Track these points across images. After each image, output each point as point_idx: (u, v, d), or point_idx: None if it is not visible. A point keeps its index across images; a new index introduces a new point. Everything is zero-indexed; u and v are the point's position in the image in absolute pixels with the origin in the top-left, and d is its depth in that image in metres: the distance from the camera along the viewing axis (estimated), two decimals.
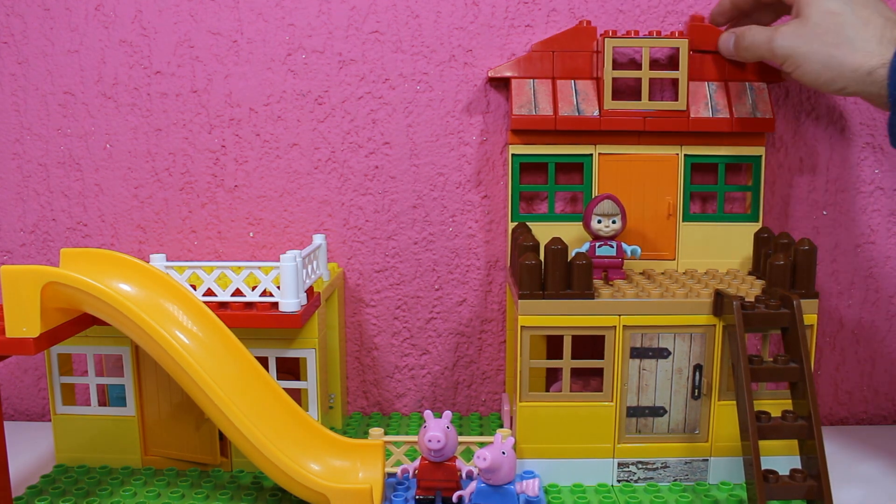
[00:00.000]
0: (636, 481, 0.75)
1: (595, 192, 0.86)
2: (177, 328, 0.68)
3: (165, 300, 0.70)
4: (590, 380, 0.79)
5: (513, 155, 0.86)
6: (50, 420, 0.85)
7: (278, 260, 0.72)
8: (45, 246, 0.94)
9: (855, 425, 0.97)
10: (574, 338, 0.74)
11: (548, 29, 0.89)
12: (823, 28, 0.70)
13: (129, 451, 0.79)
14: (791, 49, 0.72)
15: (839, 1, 0.70)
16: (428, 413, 0.69)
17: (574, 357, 0.74)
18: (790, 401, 0.70)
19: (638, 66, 0.84)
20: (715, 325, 0.73)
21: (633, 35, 0.83)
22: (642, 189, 0.86)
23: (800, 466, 0.68)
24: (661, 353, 0.74)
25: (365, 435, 0.84)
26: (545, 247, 0.72)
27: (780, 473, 0.66)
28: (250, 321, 0.72)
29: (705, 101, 0.84)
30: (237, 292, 0.73)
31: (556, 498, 0.72)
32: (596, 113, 0.83)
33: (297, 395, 0.79)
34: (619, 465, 0.75)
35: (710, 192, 0.88)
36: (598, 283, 0.78)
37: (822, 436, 0.66)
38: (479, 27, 0.89)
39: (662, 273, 0.84)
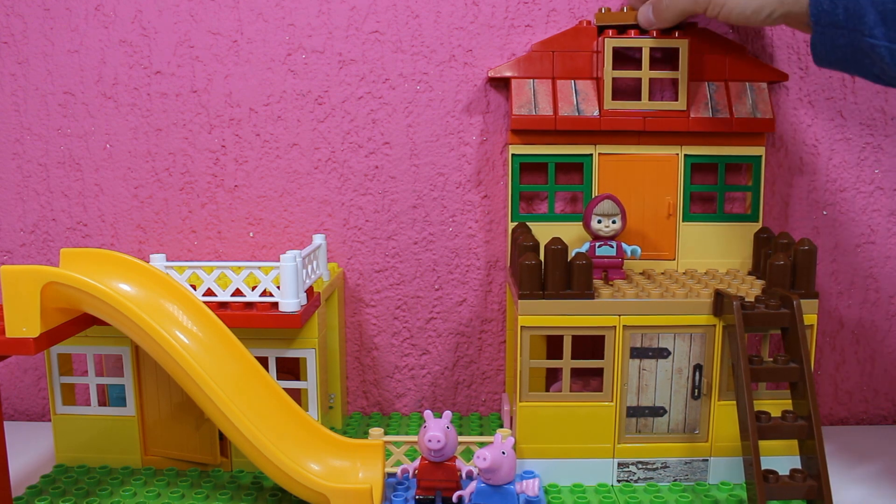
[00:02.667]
0: (636, 481, 0.75)
1: (595, 192, 0.86)
2: (177, 328, 0.68)
3: (165, 300, 0.70)
4: (590, 380, 0.79)
5: (513, 155, 0.86)
6: (50, 420, 0.85)
7: (278, 260, 0.72)
8: (45, 246, 0.94)
9: (855, 425, 0.97)
10: (574, 338, 0.74)
11: (548, 29, 0.89)
12: None
13: (129, 451, 0.79)
14: None
15: None
16: (428, 413, 0.69)
17: (574, 357, 0.74)
18: (790, 401, 0.70)
19: (638, 66, 0.84)
20: (715, 325, 0.73)
21: (633, 35, 0.83)
22: (642, 189, 0.86)
23: (800, 466, 0.68)
24: (661, 353, 0.74)
25: (365, 435, 0.84)
26: (545, 247, 0.72)
27: (780, 473, 0.66)
28: (250, 321, 0.72)
29: (705, 101, 0.84)
30: (237, 292, 0.73)
31: (556, 498, 0.72)
32: (596, 113, 0.83)
33: (297, 395, 0.79)
34: (619, 465, 0.75)
35: (710, 192, 0.88)
36: (598, 283, 0.78)
37: (822, 436, 0.66)
38: (479, 27, 0.89)
39: (662, 273, 0.84)
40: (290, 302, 0.71)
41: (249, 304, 0.73)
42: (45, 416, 0.97)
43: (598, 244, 0.79)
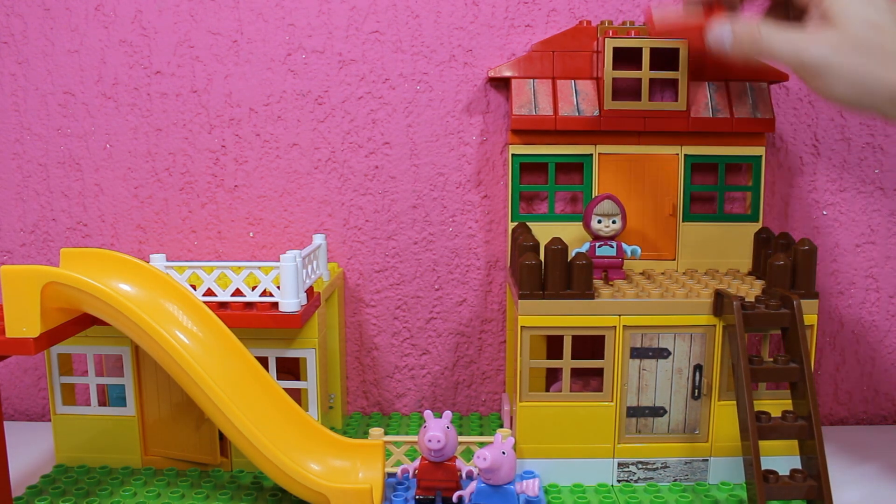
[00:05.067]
0: (636, 481, 0.75)
1: (595, 192, 0.86)
2: (177, 328, 0.68)
3: (165, 300, 0.70)
4: (590, 380, 0.79)
5: (513, 155, 0.86)
6: (50, 420, 0.85)
7: (278, 260, 0.72)
8: (45, 246, 0.94)
9: (855, 425, 0.97)
10: (574, 338, 0.74)
11: (548, 29, 0.89)
12: (863, 41, 0.62)
13: (129, 451, 0.79)
14: (822, 59, 0.63)
15: (881, 13, 0.63)
16: (428, 413, 0.69)
17: (574, 357, 0.74)
18: (790, 401, 0.70)
19: (638, 66, 0.84)
20: (715, 325, 0.73)
21: (633, 35, 0.83)
22: (642, 189, 0.86)
23: (800, 466, 0.68)
24: (661, 353, 0.74)
25: (365, 435, 0.84)
26: (545, 247, 0.72)
27: (780, 473, 0.66)
28: (250, 321, 0.72)
29: (705, 101, 0.84)
30: (237, 292, 0.73)
31: (556, 498, 0.72)
32: (596, 113, 0.83)
33: (297, 395, 0.79)
34: (619, 465, 0.75)
35: (710, 192, 0.88)
36: (598, 283, 0.78)
37: (822, 436, 0.66)
38: (479, 27, 0.89)
39: (662, 273, 0.84)
40: (290, 302, 0.71)
41: (249, 304, 0.73)
42: (45, 416, 0.97)
43: (598, 244, 0.79)
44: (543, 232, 0.83)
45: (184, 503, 0.72)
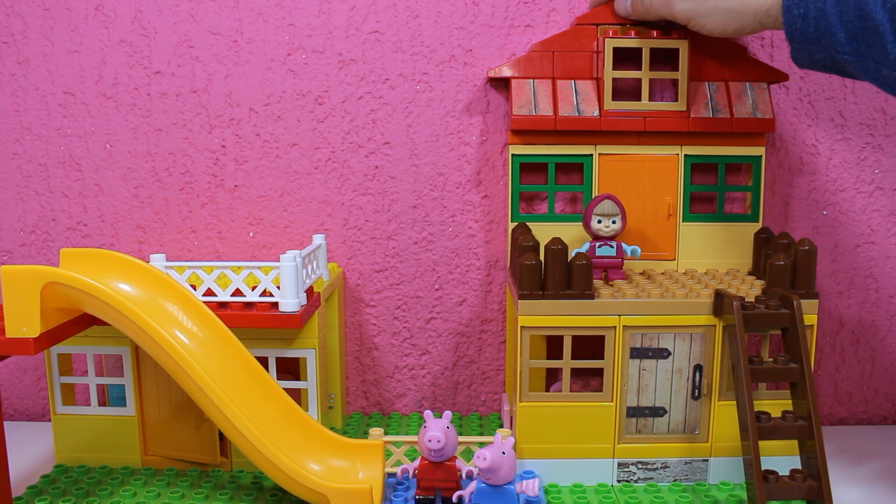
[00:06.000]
0: (636, 481, 0.75)
1: (595, 192, 0.86)
2: (177, 328, 0.68)
3: (165, 300, 0.70)
4: (590, 380, 0.79)
5: (513, 155, 0.86)
6: (50, 420, 0.86)
7: (278, 260, 0.72)
8: (45, 246, 0.94)
9: (855, 425, 0.97)
10: (574, 338, 0.74)
11: (548, 29, 0.89)
12: None
13: (129, 451, 0.79)
14: (692, 10, 0.76)
15: None
16: (428, 413, 0.69)
17: (574, 357, 0.74)
18: (790, 401, 0.70)
19: (638, 66, 0.84)
20: (715, 326, 0.73)
21: (633, 35, 0.83)
22: (642, 189, 0.86)
23: (800, 466, 0.68)
24: (661, 354, 0.74)
25: (365, 435, 0.84)
26: (545, 247, 0.72)
27: (780, 473, 0.66)
28: (250, 321, 0.72)
29: (705, 101, 0.84)
30: (237, 292, 0.73)
31: (556, 498, 0.72)
32: (596, 113, 0.83)
33: (297, 395, 0.79)
34: (619, 465, 0.75)
35: (710, 192, 0.88)
36: (598, 283, 0.78)
37: (822, 436, 0.66)
38: (479, 27, 0.89)
39: (662, 273, 0.84)
40: (290, 302, 0.71)
41: (249, 304, 0.73)
42: (45, 416, 0.97)
43: (598, 244, 0.79)
44: (543, 232, 0.83)
45: (184, 503, 0.72)
